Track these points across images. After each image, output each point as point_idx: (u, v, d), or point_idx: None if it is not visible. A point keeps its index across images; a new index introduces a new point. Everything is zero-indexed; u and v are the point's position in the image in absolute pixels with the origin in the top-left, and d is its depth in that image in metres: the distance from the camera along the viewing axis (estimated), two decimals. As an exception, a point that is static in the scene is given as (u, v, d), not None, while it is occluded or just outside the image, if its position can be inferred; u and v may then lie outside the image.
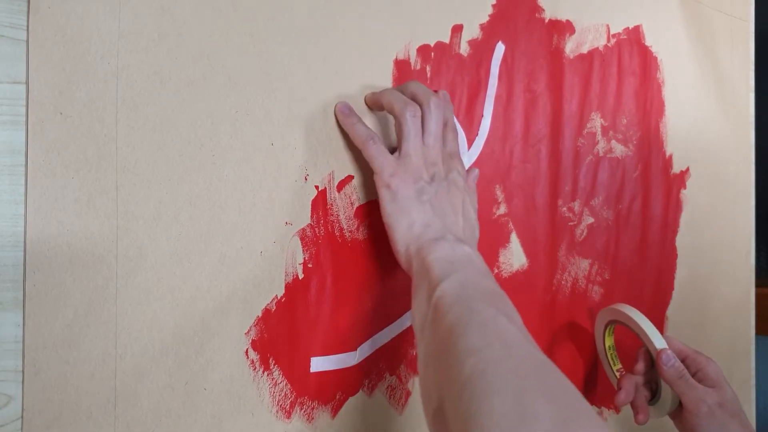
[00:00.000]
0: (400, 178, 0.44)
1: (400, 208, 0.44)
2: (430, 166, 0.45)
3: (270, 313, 0.43)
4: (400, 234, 0.44)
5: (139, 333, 0.38)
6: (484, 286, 0.40)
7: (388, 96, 0.46)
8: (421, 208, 0.44)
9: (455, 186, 0.46)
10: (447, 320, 0.37)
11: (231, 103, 0.41)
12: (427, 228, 0.44)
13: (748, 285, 0.84)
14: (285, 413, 0.44)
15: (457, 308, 0.37)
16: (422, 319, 0.40)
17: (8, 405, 0.34)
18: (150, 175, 0.38)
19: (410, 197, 0.44)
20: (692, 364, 0.58)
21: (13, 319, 0.34)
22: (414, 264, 0.43)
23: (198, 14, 0.40)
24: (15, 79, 0.34)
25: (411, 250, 0.43)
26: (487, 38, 0.56)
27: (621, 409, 0.69)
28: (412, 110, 0.45)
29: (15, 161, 0.34)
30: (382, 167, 0.44)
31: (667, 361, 0.57)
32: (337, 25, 0.47)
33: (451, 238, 0.43)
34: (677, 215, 0.74)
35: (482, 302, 0.38)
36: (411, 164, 0.44)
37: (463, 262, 0.41)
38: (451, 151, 0.47)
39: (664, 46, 0.72)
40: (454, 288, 0.39)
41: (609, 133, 0.66)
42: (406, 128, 0.44)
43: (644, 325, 0.58)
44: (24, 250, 0.34)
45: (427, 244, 0.42)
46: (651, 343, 0.58)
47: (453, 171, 0.46)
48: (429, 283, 0.40)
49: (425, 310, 0.40)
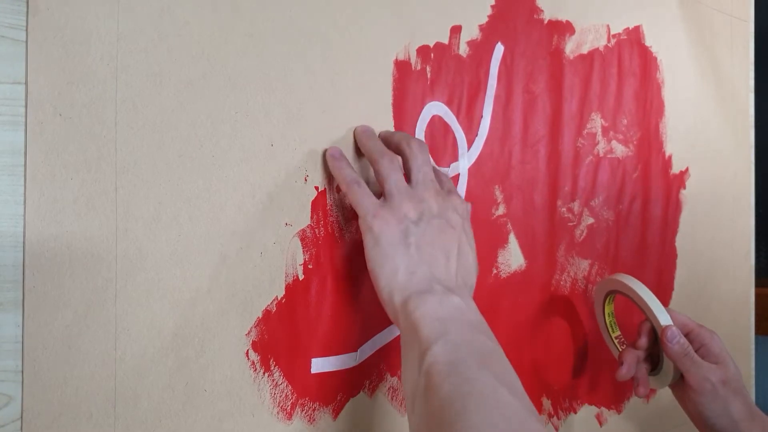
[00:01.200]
0: (383, 220, 0.41)
1: (383, 253, 0.41)
2: (418, 203, 0.42)
3: (270, 314, 0.43)
4: (383, 282, 0.41)
5: (139, 333, 0.38)
6: (478, 345, 0.38)
7: (369, 144, 0.45)
8: (406, 252, 0.41)
9: (448, 224, 0.43)
10: (442, 393, 0.34)
11: (231, 103, 0.41)
12: (412, 276, 0.41)
13: (747, 285, 0.84)
14: (286, 414, 0.44)
15: (452, 379, 0.35)
16: (413, 387, 0.37)
17: (8, 405, 0.34)
18: (149, 175, 0.38)
19: (394, 241, 0.41)
20: (696, 338, 0.57)
21: (13, 319, 0.34)
22: (401, 319, 0.40)
23: (198, 14, 0.40)
24: (14, 80, 0.34)
25: (396, 300, 0.41)
26: (486, 39, 0.56)
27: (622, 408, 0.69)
28: (388, 156, 0.43)
29: (14, 162, 0.34)
30: (366, 210, 0.42)
31: (672, 338, 0.55)
32: (337, 25, 0.47)
33: (439, 290, 0.40)
34: (677, 215, 0.74)
35: (479, 370, 0.35)
36: (394, 204, 0.42)
37: (454, 318, 0.39)
38: (449, 188, 0.46)
39: (664, 46, 0.72)
40: (446, 353, 0.36)
41: (609, 134, 0.66)
42: (383, 171, 0.43)
43: (648, 300, 0.57)
44: (23, 251, 0.34)
45: (412, 297, 0.40)
46: (655, 318, 0.57)
47: (449, 209, 0.43)
48: (419, 345, 0.38)
49: (416, 376, 0.37)
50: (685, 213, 0.74)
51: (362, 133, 0.46)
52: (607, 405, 0.68)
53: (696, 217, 0.76)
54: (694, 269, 0.76)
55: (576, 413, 0.64)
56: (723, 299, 0.80)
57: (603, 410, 0.67)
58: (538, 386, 0.61)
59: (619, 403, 0.69)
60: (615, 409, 0.68)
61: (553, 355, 0.62)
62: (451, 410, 0.33)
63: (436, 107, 0.52)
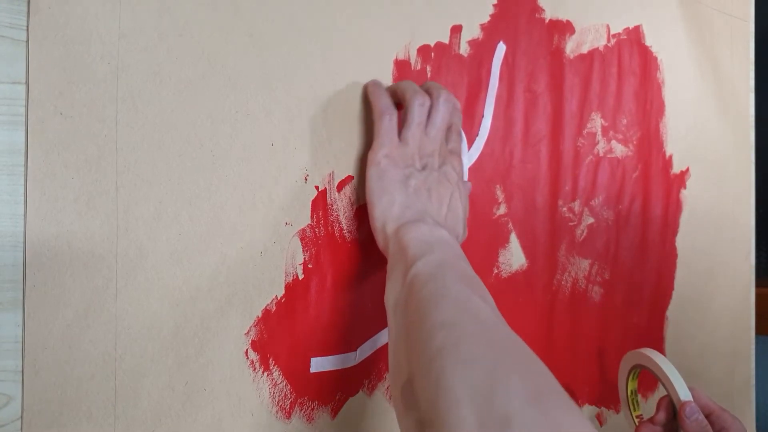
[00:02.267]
0: (392, 160, 0.44)
1: (383, 187, 0.44)
2: (425, 156, 0.46)
3: (270, 314, 0.43)
4: (379, 211, 0.44)
5: (139, 333, 0.38)
6: (461, 267, 0.40)
7: (403, 84, 0.47)
8: (405, 191, 0.44)
9: (446, 178, 0.46)
10: (420, 295, 0.37)
11: (231, 103, 0.41)
12: (406, 209, 0.44)
13: (748, 285, 0.84)
14: (285, 413, 0.44)
15: (431, 285, 0.37)
16: (396, 297, 0.40)
17: (8, 405, 0.34)
18: (150, 175, 0.38)
19: (396, 179, 0.44)
20: (716, 420, 0.55)
21: (13, 319, 0.34)
22: (390, 244, 0.43)
23: (198, 14, 0.40)
24: (15, 79, 0.34)
25: (388, 229, 0.43)
26: (487, 38, 0.56)
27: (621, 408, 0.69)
28: (420, 99, 0.45)
29: (15, 161, 0.34)
30: (381, 144, 0.45)
31: (690, 414, 0.54)
32: (337, 25, 0.47)
33: (430, 221, 0.43)
34: (677, 215, 0.74)
35: (457, 282, 0.37)
36: (407, 150, 0.45)
37: (441, 243, 0.41)
38: (453, 148, 0.48)
39: (664, 46, 0.72)
40: (429, 266, 0.39)
41: (609, 134, 0.66)
42: (410, 115, 0.45)
43: (670, 374, 0.56)
44: (24, 250, 0.34)
45: (405, 225, 0.42)
46: (675, 393, 0.56)
47: (447, 164, 0.47)
48: (405, 262, 0.40)
49: (399, 288, 0.39)
50: (685, 213, 0.74)
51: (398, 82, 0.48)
52: (607, 405, 0.68)
53: (696, 217, 0.76)
54: (695, 269, 0.76)
55: (576, 413, 0.64)
56: (723, 299, 0.80)
57: (603, 410, 0.67)
58: (538, 386, 0.61)
59: (619, 403, 0.69)
60: (615, 409, 0.68)
61: (553, 355, 0.62)
62: (427, 307, 0.35)
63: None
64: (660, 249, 0.72)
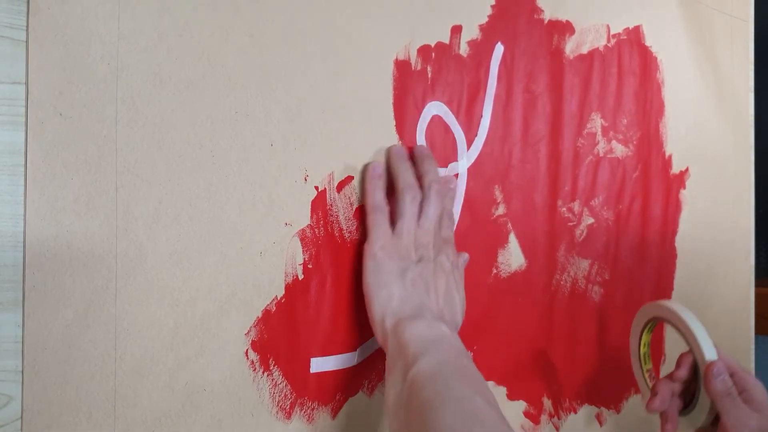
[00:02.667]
0: (387, 253, 0.45)
1: (380, 280, 0.45)
2: (420, 247, 0.47)
3: (270, 314, 0.43)
4: (377, 305, 0.44)
5: (138, 333, 0.38)
6: (462, 366, 0.40)
7: (400, 169, 0.48)
8: (402, 284, 0.45)
9: (441, 268, 0.47)
10: (422, 397, 0.37)
11: (231, 103, 0.41)
12: (404, 303, 0.44)
13: (747, 285, 0.84)
14: (285, 414, 0.44)
15: (432, 386, 0.37)
16: (396, 398, 0.40)
17: (8, 405, 0.34)
18: (150, 175, 0.38)
19: (393, 272, 0.45)
20: (739, 381, 0.53)
21: (13, 319, 0.34)
22: (390, 341, 0.43)
23: (198, 14, 0.40)
24: (15, 80, 0.34)
25: (387, 324, 0.44)
26: (486, 39, 0.56)
27: (621, 408, 0.69)
28: (412, 194, 0.47)
29: (15, 161, 0.34)
30: (376, 238, 0.45)
31: (717, 374, 0.51)
32: (337, 25, 0.47)
33: (429, 316, 0.43)
34: (677, 215, 0.74)
35: (459, 382, 0.38)
36: (402, 243, 0.46)
37: (441, 340, 0.41)
38: (446, 237, 0.49)
39: (664, 46, 0.72)
40: (430, 366, 0.39)
41: (609, 134, 0.66)
42: (403, 209, 0.46)
43: (696, 331, 0.53)
44: (23, 251, 0.34)
45: (403, 321, 0.43)
46: (700, 352, 0.53)
47: (442, 254, 0.47)
48: (405, 360, 0.40)
49: (400, 388, 0.39)
50: (685, 213, 0.74)
51: (395, 154, 0.49)
52: (607, 405, 0.68)
53: (696, 217, 0.76)
54: (694, 269, 0.76)
55: (576, 413, 0.64)
56: (723, 299, 0.80)
57: (603, 410, 0.67)
58: (538, 386, 0.61)
59: (619, 403, 0.69)
60: (615, 409, 0.68)
61: (553, 354, 0.62)
62: (430, 409, 0.35)
63: (436, 107, 0.52)
64: (660, 249, 0.72)
